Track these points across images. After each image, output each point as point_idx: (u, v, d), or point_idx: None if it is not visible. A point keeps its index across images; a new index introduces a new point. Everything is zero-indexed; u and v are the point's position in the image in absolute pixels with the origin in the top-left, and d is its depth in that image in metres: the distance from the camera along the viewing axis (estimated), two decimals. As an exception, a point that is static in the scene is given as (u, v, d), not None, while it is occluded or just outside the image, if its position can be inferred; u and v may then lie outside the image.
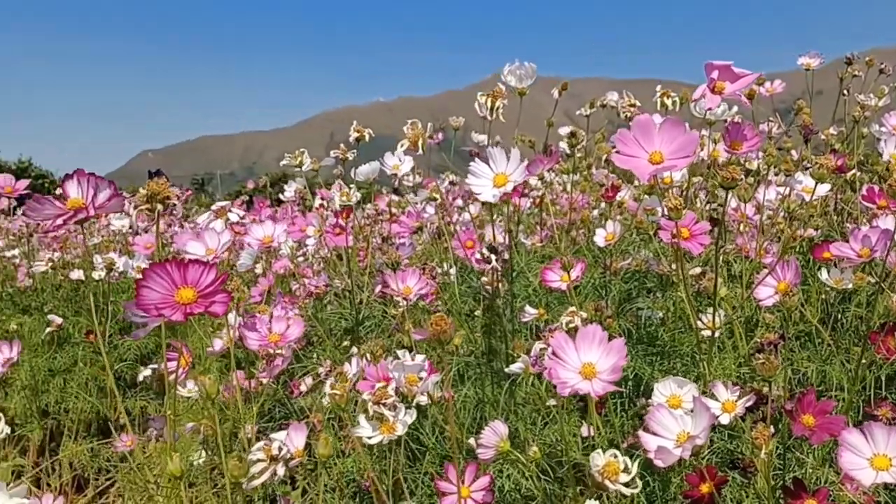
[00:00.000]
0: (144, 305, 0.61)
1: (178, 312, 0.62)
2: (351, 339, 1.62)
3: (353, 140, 1.36)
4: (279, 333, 0.98)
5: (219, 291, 0.63)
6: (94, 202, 0.74)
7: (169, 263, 0.64)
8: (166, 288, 0.63)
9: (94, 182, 0.75)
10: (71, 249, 2.80)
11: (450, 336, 0.60)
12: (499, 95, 1.02)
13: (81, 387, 2.58)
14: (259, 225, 1.25)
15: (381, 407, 0.70)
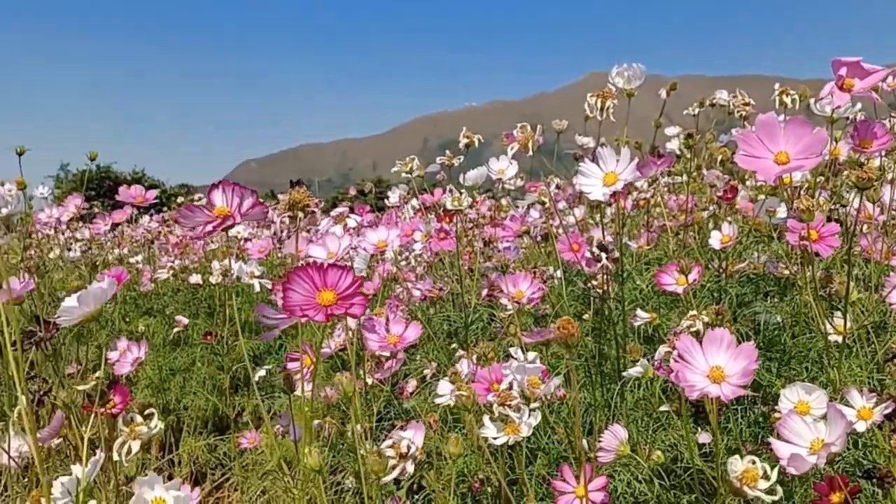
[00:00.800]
0: (290, 307, 0.65)
1: (321, 314, 0.65)
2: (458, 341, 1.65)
3: (462, 146, 1.39)
4: (398, 335, 1.01)
5: (357, 294, 0.67)
6: (238, 210, 0.79)
7: (310, 267, 0.68)
8: (308, 291, 0.67)
9: (238, 191, 0.80)
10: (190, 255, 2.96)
11: (577, 339, 0.61)
12: (608, 96, 1.02)
13: (199, 385, 2.73)
14: (373, 230, 1.30)
15: (506, 408, 0.72)
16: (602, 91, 1.03)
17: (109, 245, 3.13)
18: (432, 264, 2.13)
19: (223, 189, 0.81)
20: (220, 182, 0.81)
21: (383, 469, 0.67)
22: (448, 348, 1.58)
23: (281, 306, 0.65)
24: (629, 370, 0.90)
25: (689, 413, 1.17)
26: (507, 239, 1.69)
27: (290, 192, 0.72)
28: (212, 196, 0.81)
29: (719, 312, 0.92)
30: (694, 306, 0.99)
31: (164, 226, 3.17)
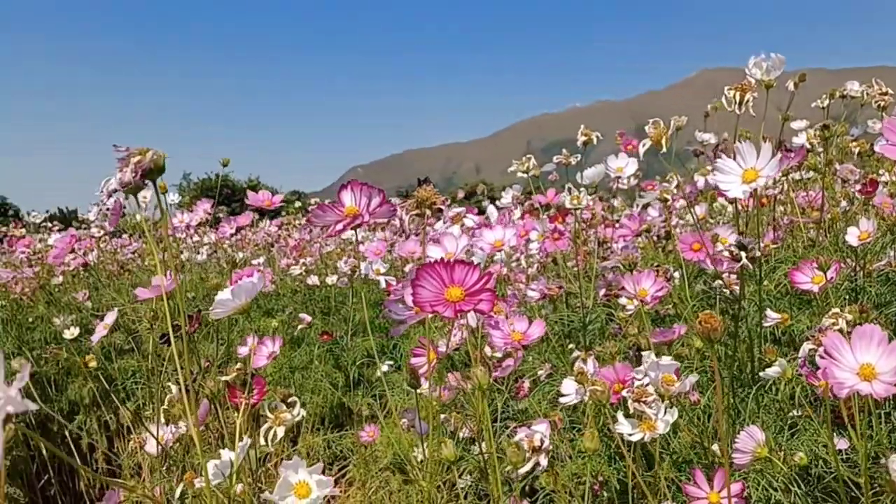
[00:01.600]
0: (419, 302, 0.67)
1: (449, 309, 0.66)
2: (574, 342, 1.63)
3: (580, 143, 1.37)
4: (521, 332, 1.01)
5: (484, 290, 0.67)
6: (367, 209, 0.81)
7: (438, 264, 0.69)
8: (436, 287, 0.68)
9: (366, 191, 0.82)
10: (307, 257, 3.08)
11: (720, 334, 0.59)
12: (748, 88, 0.98)
13: (317, 382, 2.83)
14: (490, 229, 1.30)
15: (642, 405, 0.71)
16: (741, 83, 0.99)
17: (233, 248, 3.30)
18: (545, 265, 2.12)
19: (352, 189, 0.83)
20: (349, 182, 0.84)
21: (522, 460, 0.67)
22: (564, 349, 1.56)
23: (410, 302, 0.67)
24: (767, 371, 0.87)
25: (825, 419, 1.11)
26: (624, 238, 1.65)
27: (417, 189, 0.74)
28: (341, 196, 0.84)
29: (863, 310, 0.86)
30: (831, 305, 0.93)
31: (282, 229, 3.31)
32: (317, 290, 2.98)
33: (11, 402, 0.44)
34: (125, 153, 0.60)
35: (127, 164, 0.60)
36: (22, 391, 0.45)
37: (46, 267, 3.16)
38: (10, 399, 0.44)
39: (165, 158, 0.61)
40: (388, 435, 2.71)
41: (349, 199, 0.83)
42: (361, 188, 0.83)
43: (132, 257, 3.22)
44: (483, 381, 0.71)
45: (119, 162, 0.60)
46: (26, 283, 2.97)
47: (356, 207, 0.82)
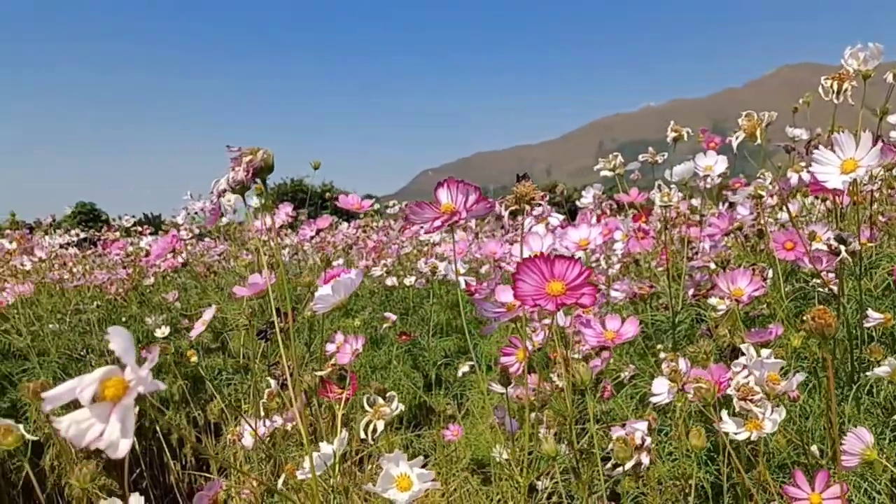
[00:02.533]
0: (521, 297, 0.67)
1: (551, 303, 0.66)
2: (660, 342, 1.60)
3: (670, 140, 1.35)
4: (614, 331, 1.00)
5: (585, 284, 0.67)
6: (464, 205, 0.82)
7: (538, 258, 0.69)
8: (537, 281, 0.68)
9: (462, 188, 0.83)
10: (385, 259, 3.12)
11: (834, 330, 0.57)
12: (846, 78, 0.95)
13: (396, 382, 2.87)
14: (575, 228, 1.29)
15: (749, 403, 0.69)
16: (838, 73, 0.96)
17: (312, 250, 3.37)
18: (627, 265, 2.09)
19: (448, 186, 0.84)
20: (446, 180, 0.85)
21: (628, 456, 0.66)
22: (648, 351, 1.54)
23: (505, 299, 0.67)
24: (875, 370, 0.83)
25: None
26: (713, 237, 1.61)
27: (516, 185, 0.74)
28: (438, 193, 0.85)
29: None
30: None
31: (361, 231, 3.37)
32: (395, 291, 3.01)
33: (143, 383, 0.46)
34: (237, 153, 0.63)
35: (240, 162, 0.62)
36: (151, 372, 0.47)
37: (139, 269, 3.31)
38: (141, 379, 0.46)
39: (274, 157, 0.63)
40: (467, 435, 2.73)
41: (445, 196, 0.84)
42: (458, 185, 0.83)
43: (218, 259, 3.34)
44: (585, 376, 0.70)
45: (232, 161, 0.63)
46: (120, 283, 3.11)
47: (453, 204, 0.83)
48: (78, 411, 0.44)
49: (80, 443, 0.45)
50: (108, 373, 0.43)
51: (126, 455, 0.45)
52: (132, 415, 0.45)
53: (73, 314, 2.85)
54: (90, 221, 44.56)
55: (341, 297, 0.77)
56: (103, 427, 0.44)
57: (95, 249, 4.11)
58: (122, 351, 0.43)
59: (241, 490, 1.14)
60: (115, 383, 0.43)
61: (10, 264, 2.59)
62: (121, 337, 0.43)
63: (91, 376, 0.43)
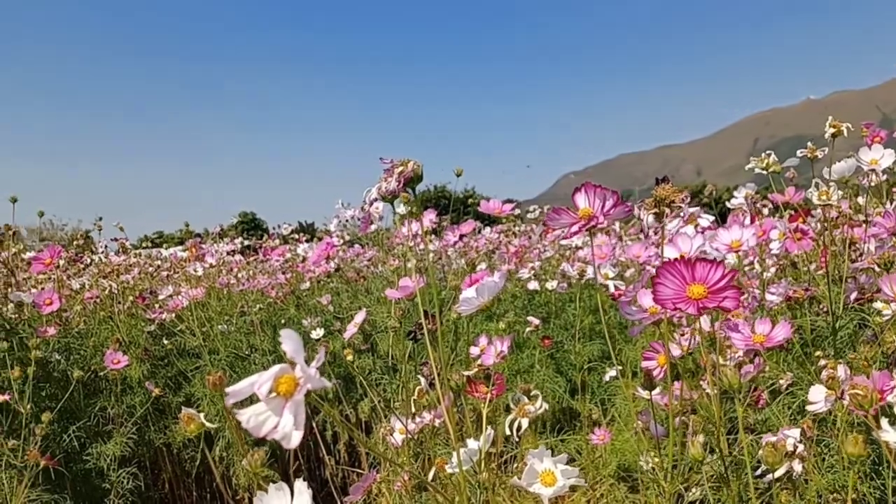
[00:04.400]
0: (661, 300, 0.67)
1: (692, 307, 0.66)
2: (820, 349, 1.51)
3: (828, 136, 1.28)
4: (764, 334, 0.96)
5: (728, 287, 0.66)
6: (602, 210, 0.83)
7: (678, 262, 0.68)
8: (678, 285, 0.68)
9: (600, 193, 0.84)
10: (527, 263, 3.14)
11: None
12: None
13: (539, 386, 2.88)
14: (727, 230, 1.25)
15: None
16: None
17: (456, 255, 3.45)
18: (783, 268, 1.98)
19: (586, 191, 0.85)
20: (584, 185, 0.86)
21: (778, 461, 0.64)
22: (808, 358, 1.45)
23: (647, 303, 0.67)
24: None
25: None
26: (879, 237, 1.50)
27: (656, 188, 0.74)
28: (575, 198, 0.86)
29: None
30: None
31: (503, 236, 3.41)
32: (536, 294, 3.02)
33: (311, 380, 0.52)
34: (390, 164, 0.68)
35: (392, 173, 0.67)
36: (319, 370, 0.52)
37: (296, 274, 3.53)
38: (310, 377, 0.51)
39: (422, 168, 0.67)
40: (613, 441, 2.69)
41: (583, 201, 0.85)
42: (595, 190, 0.84)
43: (367, 265, 3.49)
44: (734, 381, 0.69)
45: (384, 172, 0.68)
46: (279, 288, 3.33)
47: (590, 209, 0.84)
48: (256, 405, 0.50)
49: (258, 433, 0.51)
50: (281, 370, 0.48)
51: (296, 446, 0.50)
52: (303, 409, 0.50)
53: (239, 316, 3.09)
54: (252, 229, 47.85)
55: (485, 299, 0.80)
56: (278, 420, 0.50)
57: (257, 256, 4.43)
58: (293, 352, 0.48)
59: (393, 483, 1.20)
60: (287, 380, 0.48)
61: (185, 271, 2.85)
62: (291, 339, 0.48)
63: (267, 373, 0.48)
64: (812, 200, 1.30)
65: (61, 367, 2.07)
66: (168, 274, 3.08)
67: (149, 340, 2.75)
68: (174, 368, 2.71)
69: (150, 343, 2.72)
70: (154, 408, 2.59)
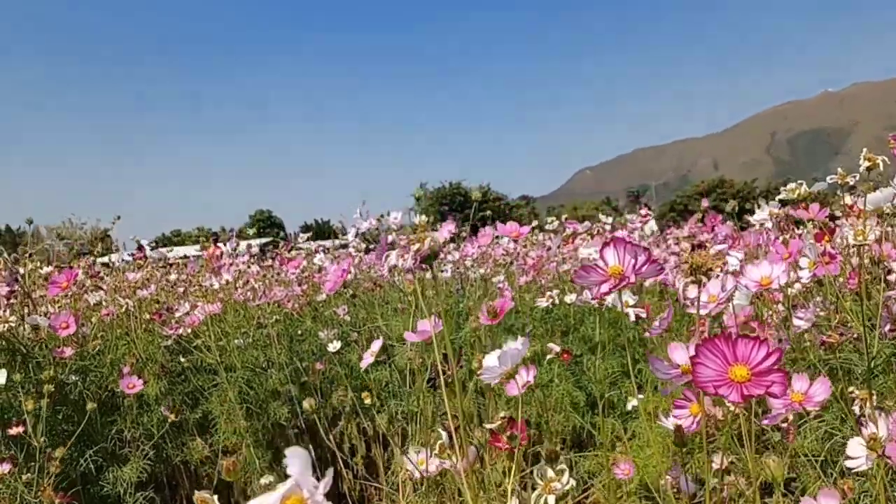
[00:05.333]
0: (701, 383, 0.63)
1: (735, 392, 0.62)
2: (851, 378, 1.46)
3: (863, 170, 1.22)
4: (802, 392, 0.92)
5: (774, 370, 0.62)
6: (633, 268, 0.79)
7: (719, 339, 0.64)
8: (719, 365, 0.64)
9: (630, 249, 0.80)
10: (544, 276, 3.09)
11: None
12: None
13: (558, 402, 2.83)
14: (755, 265, 1.20)
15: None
16: None
17: (474, 265, 3.41)
18: (810, 288, 1.92)
19: (615, 247, 0.81)
20: (613, 240, 0.82)
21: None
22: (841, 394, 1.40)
23: (692, 382, 0.63)
24: None
25: None
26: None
27: (690, 254, 0.69)
28: (604, 254, 0.82)
29: None
30: None
31: (521, 247, 3.37)
32: (554, 308, 2.98)
33: (318, 503, 0.49)
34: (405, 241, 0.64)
35: (406, 251, 0.63)
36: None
37: (313, 284, 3.51)
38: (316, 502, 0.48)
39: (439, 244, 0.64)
40: (634, 459, 2.64)
41: (612, 257, 0.81)
42: (626, 246, 0.80)
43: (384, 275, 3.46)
44: (777, 473, 0.65)
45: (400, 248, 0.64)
46: (296, 299, 3.31)
47: (620, 267, 0.79)
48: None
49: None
50: (289, 490, 0.46)
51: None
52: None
53: (256, 328, 3.07)
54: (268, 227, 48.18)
55: (508, 367, 0.77)
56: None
57: (273, 263, 4.41)
58: (299, 473, 0.45)
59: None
60: (294, 502, 0.46)
61: (201, 285, 2.84)
62: (298, 459, 0.46)
63: (276, 494, 0.45)
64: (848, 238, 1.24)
65: (78, 390, 2.06)
66: (185, 289, 3.06)
67: (166, 356, 2.74)
68: (191, 384, 2.70)
69: (167, 359, 2.71)
70: (171, 425, 2.57)
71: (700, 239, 2.89)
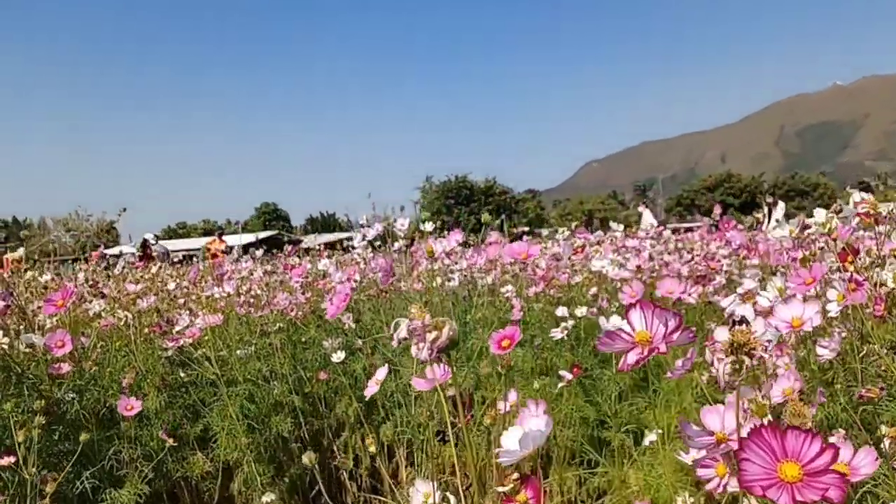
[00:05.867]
0: (747, 483, 0.56)
1: (785, 495, 0.54)
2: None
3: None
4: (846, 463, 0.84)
5: (829, 471, 0.55)
6: (662, 337, 0.71)
7: (766, 431, 0.57)
8: (767, 462, 0.56)
9: (659, 314, 0.72)
10: (554, 285, 3.02)
11: None
12: None
13: (567, 416, 2.76)
14: (786, 303, 1.13)
15: None
16: None
17: (482, 274, 3.34)
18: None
19: (642, 310, 0.74)
20: (639, 302, 0.75)
21: None
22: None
23: (738, 481, 0.56)
24: None
25: None
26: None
27: (732, 331, 0.62)
28: (630, 317, 0.75)
29: None
30: None
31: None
32: (565, 320, 2.90)
33: None
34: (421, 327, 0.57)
35: (423, 338, 0.56)
36: None
37: (317, 291, 3.44)
38: None
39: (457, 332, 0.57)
40: (645, 477, 2.56)
41: (639, 321, 0.73)
42: (654, 311, 0.73)
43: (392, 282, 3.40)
44: None
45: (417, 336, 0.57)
46: (300, 307, 3.25)
47: (648, 333, 0.72)
48: None
49: None
50: None
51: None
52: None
53: (260, 337, 3.01)
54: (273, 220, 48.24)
55: (529, 450, 0.70)
56: None
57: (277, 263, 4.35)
58: None
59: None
60: None
61: (203, 295, 2.77)
62: None
63: None
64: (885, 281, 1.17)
65: (74, 410, 2.00)
66: (185, 301, 3.00)
67: (166, 366, 2.68)
68: (192, 396, 2.64)
69: (167, 370, 2.65)
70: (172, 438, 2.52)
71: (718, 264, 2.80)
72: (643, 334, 0.72)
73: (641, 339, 0.72)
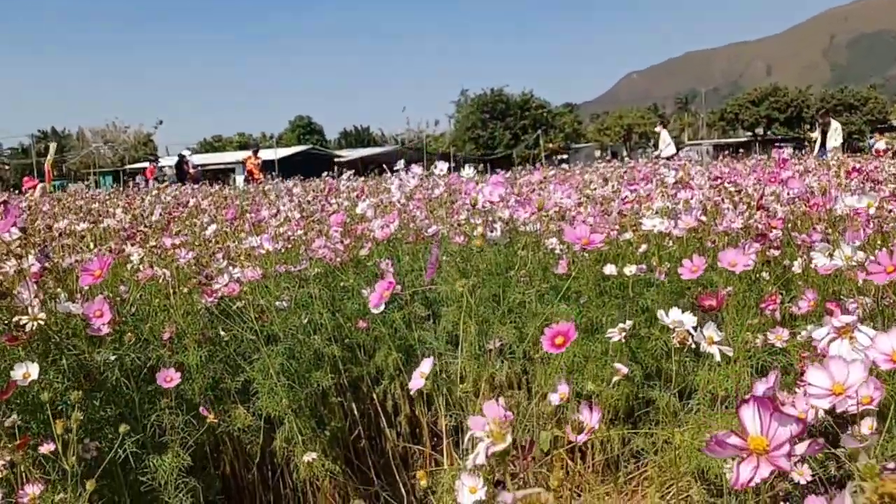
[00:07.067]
0: None
1: None
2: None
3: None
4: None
5: None
6: (779, 446, 0.61)
7: None
8: None
9: (778, 418, 0.61)
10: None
11: None
12: None
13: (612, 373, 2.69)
14: (887, 334, 1.01)
15: None
16: None
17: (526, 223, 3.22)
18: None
19: (759, 409, 0.63)
20: (753, 398, 0.63)
21: None
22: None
23: None
24: None
25: None
26: None
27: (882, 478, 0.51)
28: (742, 416, 0.64)
29: None
30: None
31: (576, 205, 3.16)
32: (613, 278, 2.79)
33: None
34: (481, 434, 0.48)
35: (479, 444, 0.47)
36: None
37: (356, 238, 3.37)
38: None
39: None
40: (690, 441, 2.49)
41: (754, 423, 0.63)
42: (772, 413, 0.62)
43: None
44: None
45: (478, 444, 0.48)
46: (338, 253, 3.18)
47: (765, 440, 0.61)
48: None
49: None
50: None
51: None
52: None
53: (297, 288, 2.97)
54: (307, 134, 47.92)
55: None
56: None
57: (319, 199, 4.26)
58: None
59: None
60: None
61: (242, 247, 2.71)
62: None
63: None
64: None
65: (115, 377, 1.98)
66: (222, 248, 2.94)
67: (205, 318, 2.65)
68: (231, 348, 2.61)
69: (206, 324, 2.62)
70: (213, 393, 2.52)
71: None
72: (758, 441, 0.62)
73: (757, 447, 0.61)
